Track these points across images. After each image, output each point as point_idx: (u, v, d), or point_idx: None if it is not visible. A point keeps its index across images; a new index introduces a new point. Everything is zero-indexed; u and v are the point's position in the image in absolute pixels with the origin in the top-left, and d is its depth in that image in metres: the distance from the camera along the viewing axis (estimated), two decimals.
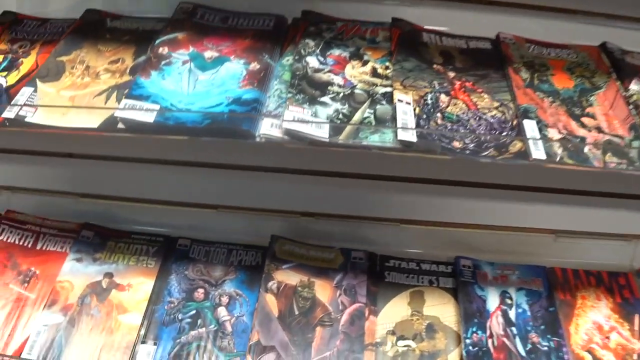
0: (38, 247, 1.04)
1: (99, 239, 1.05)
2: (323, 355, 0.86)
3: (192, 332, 0.91)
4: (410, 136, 0.74)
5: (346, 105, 0.79)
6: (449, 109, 0.81)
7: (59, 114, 0.78)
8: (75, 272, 0.99)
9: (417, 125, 0.77)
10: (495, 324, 0.94)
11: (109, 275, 0.99)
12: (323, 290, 0.96)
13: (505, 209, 1.07)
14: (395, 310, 0.95)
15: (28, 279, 0.98)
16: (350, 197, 1.05)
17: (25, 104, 0.79)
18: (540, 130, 0.78)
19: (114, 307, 0.94)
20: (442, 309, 0.97)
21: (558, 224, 1.07)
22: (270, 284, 0.95)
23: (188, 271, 1.00)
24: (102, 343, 0.89)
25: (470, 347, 0.89)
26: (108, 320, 0.93)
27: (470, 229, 1.08)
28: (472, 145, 0.76)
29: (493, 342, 0.91)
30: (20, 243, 1.04)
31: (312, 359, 0.86)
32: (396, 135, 0.74)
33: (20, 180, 1.12)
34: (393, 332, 0.92)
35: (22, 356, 0.87)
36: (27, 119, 0.77)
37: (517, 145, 0.76)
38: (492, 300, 0.98)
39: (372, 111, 0.79)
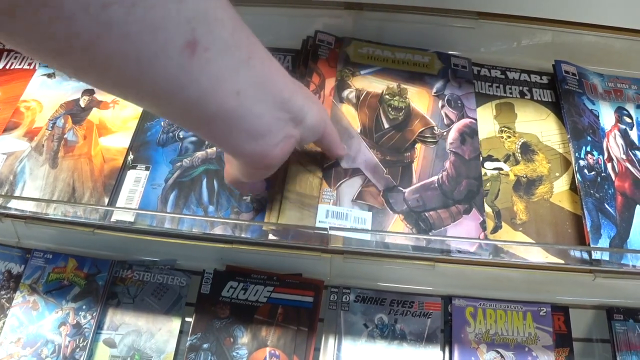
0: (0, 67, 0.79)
1: None
2: (430, 180, 0.62)
3: (198, 153, 0.66)
4: None
5: None
6: None
7: None
8: (45, 90, 0.75)
9: None
10: (614, 145, 0.68)
11: (89, 92, 0.74)
12: (420, 99, 0.69)
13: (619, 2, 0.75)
14: (478, 124, 0.69)
15: None
16: None
17: None
18: None
19: (94, 129, 0.71)
20: (539, 125, 0.70)
21: None
22: (346, 92, 0.69)
23: None
24: (77, 173, 0.66)
25: (586, 171, 0.64)
26: (86, 145, 0.69)
27: (568, 29, 0.78)
28: None
29: (614, 167, 0.66)
30: None
31: (415, 184, 0.62)
32: None
33: None
34: None
35: None
36: None
37: None
38: (607, 117, 0.71)
39: None
